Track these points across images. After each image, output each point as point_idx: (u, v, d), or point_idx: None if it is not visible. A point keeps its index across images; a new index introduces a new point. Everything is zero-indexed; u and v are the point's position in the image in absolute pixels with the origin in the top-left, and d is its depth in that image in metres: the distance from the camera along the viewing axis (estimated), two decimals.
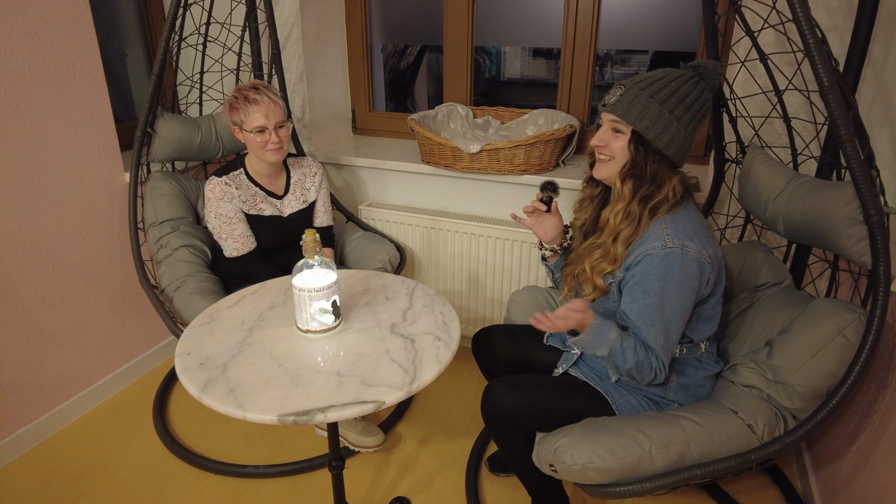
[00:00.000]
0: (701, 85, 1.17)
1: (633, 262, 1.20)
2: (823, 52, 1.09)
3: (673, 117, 1.15)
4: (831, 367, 1.19)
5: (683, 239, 1.16)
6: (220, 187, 1.70)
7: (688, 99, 1.16)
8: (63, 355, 1.92)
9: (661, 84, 1.16)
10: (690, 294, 1.18)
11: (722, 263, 1.25)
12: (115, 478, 1.74)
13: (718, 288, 1.26)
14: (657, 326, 1.18)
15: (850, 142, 1.10)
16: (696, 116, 1.18)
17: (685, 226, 1.18)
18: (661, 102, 1.15)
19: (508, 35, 2.33)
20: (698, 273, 1.17)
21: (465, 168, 2.06)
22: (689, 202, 1.24)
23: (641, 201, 1.21)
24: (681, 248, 1.15)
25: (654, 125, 1.15)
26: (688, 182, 1.25)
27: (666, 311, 1.17)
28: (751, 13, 1.44)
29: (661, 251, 1.16)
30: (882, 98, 1.59)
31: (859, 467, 1.37)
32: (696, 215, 1.23)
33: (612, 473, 1.17)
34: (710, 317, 1.28)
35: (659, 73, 1.19)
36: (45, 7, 1.68)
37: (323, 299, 1.18)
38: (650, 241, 1.18)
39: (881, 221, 1.13)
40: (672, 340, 1.20)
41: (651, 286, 1.17)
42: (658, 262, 1.16)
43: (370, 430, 1.83)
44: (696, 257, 1.16)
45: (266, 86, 1.67)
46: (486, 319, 2.26)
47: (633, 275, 1.20)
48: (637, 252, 1.19)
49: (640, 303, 1.18)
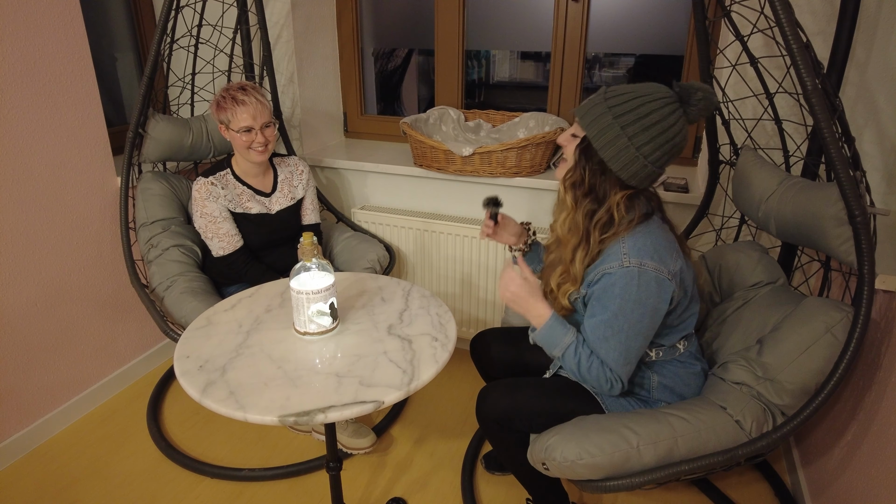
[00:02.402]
0: (673, 108, 1.11)
1: (593, 280, 1.21)
2: (807, 57, 1.12)
3: (623, 133, 1.11)
4: (819, 364, 1.22)
5: (641, 257, 1.16)
6: (205, 187, 1.71)
7: (647, 119, 1.10)
8: (54, 361, 1.91)
9: (624, 98, 1.12)
10: (650, 311, 1.18)
11: (689, 275, 1.25)
12: (109, 483, 1.73)
13: (684, 300, 1.25)
14: (611, 342, 1.19)
15: (834, 144, 1.13)
16: (657, 139, 1.11)
17: (644, 244, 1.17)
18: (616, 116, 1.12)
19: (499, 39, 2.35)
20: (657, 290, 1.17)
21: (457, 171, 2.08)
22: (654, 218, 1.23)
23: (586, 216, 1.20)
24: (638, 266, 1.15)
25: (601, 136, 1.14)
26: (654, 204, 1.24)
27: (623, 328, 1.17)
28: (740, 17, 1.47)
29: (618, 270, 1.16)
30: (866, 99, 1.63)
31: (846, 461, 1.40)
32: (660, 230, 1.21)
33: (602, 469, 1.20)
34: (680, 324, 1.29)
35: (635, 86, 1.14)
36: (37, 12, 1.67)
37: (320, 301, 1.19)
38: (609, 260, 1.18)
39: (865, 222, 1.15)
40: (632, 356, 1.21)
41: (609, 303, 1.18)
42: (615, 281, 1.16)
43: (362, 431, 1.84)
44: (655, 275, 1.16)
45: (254, 86, 1.69)
46: (479, 321, 2.28)
47: (592, 292, 1.21)
48: (597, 270, 1.20)
49: (597, 318, 1.20)
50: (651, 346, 1.29)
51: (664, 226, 1.25)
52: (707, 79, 1.58)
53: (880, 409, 1.28)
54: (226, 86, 1.68)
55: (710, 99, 1.11)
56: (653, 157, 1.13)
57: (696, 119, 1.14)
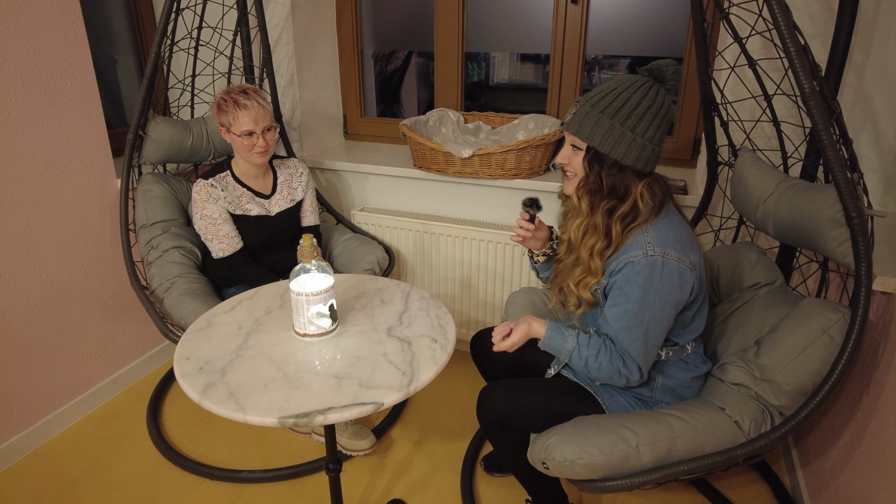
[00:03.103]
0: (655, 89, 1.17)
1: (615, 269, 1.22)
2: (804, 59, 1.13)
3: (625, 128, 1.16)
4: (816, 365, 1.22)
5: (665, 247, 1.18)
6: (205, 189, 1.71)
7: (640, 107, 1.16)
8: (54, 363, 1.91)
9: (610, 97, 1.17)
10: (671, 301, 1.20)
11: (703, 270, 1.27)
12: (109, 485, 1.74)
13: (700, 294, 1.27)
14: (634, 332, 1.21)
15: (831, 146, 1.13)
16: (654, 122, 1.17)
17: (667, 234, 1.20)
18: (611, 116, 1.16)
19: (498, 41, 2.36)
20: (679, 281, 1.19)
21: (456, 172, 2.08)
22: (672, 208, 1.26)
23: (605, 214, 1.23)
24: (662, 255, 1.17)
25: (607, 139, 1.17)
26: (664, 186, 1.26)
27: (645, 318, 1.19)
28: (738, 20, 1.47)
29: (642, 259, 1.18)
30: (863, 102, 1.63)
31: (844, 462, 1.40)
32: (680, 222, 1.25)
33: (601, 469, 1.20)
34: (691, 323, 1.30)
35: (610, 84, 1.19)
36: (38, 15, 1.68)
37: (320, 303, 1.19)
38: (632, 249, 1.20)
39: (862, 224, 1.16)
40: (652, 346, 1.23)
41: (631, 292, 1.19)
42: (639, 270, 1.18)
43: (361, 433, 1.84)
44: (678, 265, 1.18)
45: (255, 90, 1.69)
46: (479, 322, 2.28)
47: (615, 281, 1.22)
48: (620, 259, 1.21)
49: (619, 307, 1.21)
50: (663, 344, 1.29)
51: (682, 217, 1.28)
52: (706, 80, 1.59)
53: (877, 410, 1.28)
54: (227, 88, 1.68)
55: (678, 69, 1.19)
56: (656, 139, 1.19)
57: (675, 91, 1.21)
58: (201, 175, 1.76)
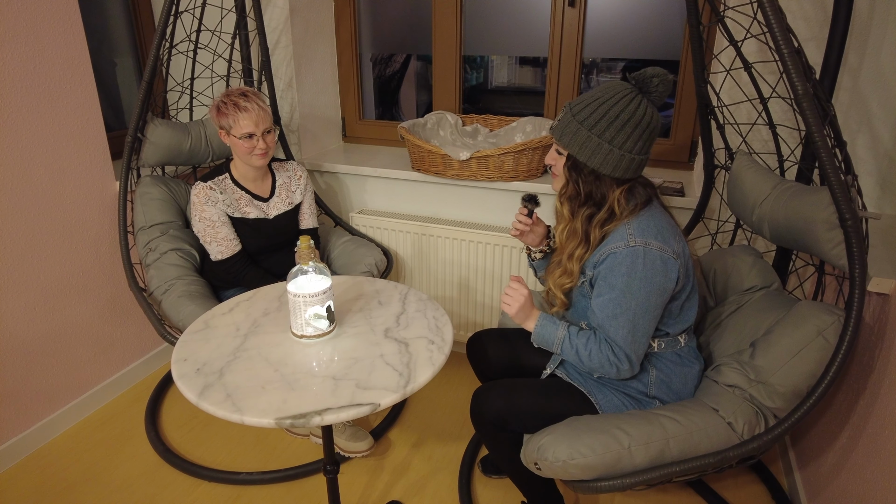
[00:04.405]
0: (637, 100, 1.18)
1: (598, 260, 1.25)
2: (798, 62, 1.13)
3: (603, 140, 1.18)
4: (811, 367, 1.23)
5: (647, 237, 1.20)
6: (204, 192, 1.72)
7: (619, 119, 1.17)
8: (53, 364, 1.91)
9: (591, 108, 1.19)
10: (656, 288, 1.21)
11: (689, 259, 1.29)
12: (107, 487, 1.74)
13: (687, 284, 1.29)
14: (619, 319, 1.22)
15: (825, 148, 1.14)
16: (634, 133, 1.18)
17: (648, 225, 1.22)
18: (589, 127, 1.19)
19: (496, 44, 2.36)
20: (663, 268, 1.21)
21: (455, 175, 2.09)
22: (656, 205, 1.28)
23: (585, 220, 1.27)
24: (644, 245, 1.20)
25: (584, 149, 1.20)
26: (648, 189, 1.29)
27: (631, 306, 1.21)
28: (733, 23, 1.48)
29: (624, 249, 1.20)
30: (859, 104, 1.64)
31: (842, 463, 1.41)
32: (661, 214, 1.27)
33: (594, 469, 1.21)
34: (681, 312, 1.32)
35: (595, 93, 1.21)
36: (37, 18, 1.68)
37: (317, 305, 1.20)
38: (615, 240, 1.23)
39: (856, 226, 1.17)
40: (641, 335, 1.24)
41: (615, 281, 1.21)
42: (622, 259, 1.20)
43: (359, 435, 1.84)
44: (660, 254, 1.20)
45: (255, 92, 1.69)
46: (476, 324, 2.28)
47: (599, 272, 1.25)
48: (602, 251, 1.24)
49: (604, 297, 1.24)
50: (654, 335, 1.31)
51: (666, 212, 1.30)
52: (702, 83, 1.60)
53: (874, 412, 1.28)
54: (226, 91, 1.69)
55: (666, 80, 1.19)
56: (636, 149, 1.20)
57: (660, 101, 1.22)
58: (200, 178, 1.76)
